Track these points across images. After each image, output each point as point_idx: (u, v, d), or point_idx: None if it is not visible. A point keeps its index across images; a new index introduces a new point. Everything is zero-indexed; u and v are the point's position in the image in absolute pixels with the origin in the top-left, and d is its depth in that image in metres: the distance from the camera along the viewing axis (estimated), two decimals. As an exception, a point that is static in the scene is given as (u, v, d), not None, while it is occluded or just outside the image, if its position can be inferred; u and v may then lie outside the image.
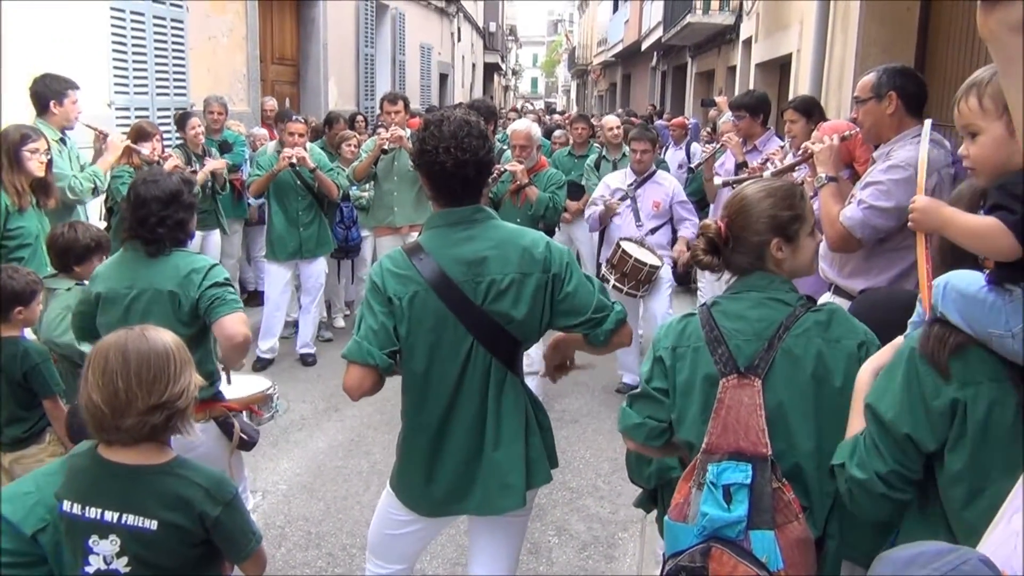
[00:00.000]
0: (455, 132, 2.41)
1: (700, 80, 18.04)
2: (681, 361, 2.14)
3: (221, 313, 2.95)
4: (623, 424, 2.25)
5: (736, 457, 2.00)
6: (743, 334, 2.10)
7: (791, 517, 1.98)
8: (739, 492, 1.97)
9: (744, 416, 2.02)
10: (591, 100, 44.37)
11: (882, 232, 3.21)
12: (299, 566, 3.95)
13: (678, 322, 2.22)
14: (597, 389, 6.45)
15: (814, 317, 2.10)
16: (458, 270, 2.41)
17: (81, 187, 4.92)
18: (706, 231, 2.22)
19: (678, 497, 2.08)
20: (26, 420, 3.42)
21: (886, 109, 3.29)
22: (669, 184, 6.20)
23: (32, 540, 2.38)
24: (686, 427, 2.12)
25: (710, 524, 1.95)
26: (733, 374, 2.05)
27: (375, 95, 13.97)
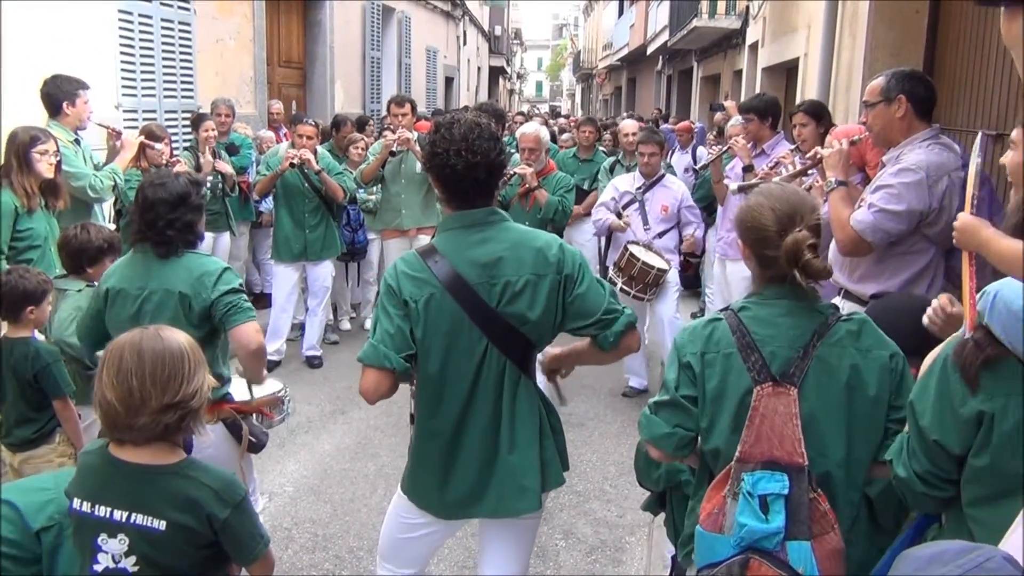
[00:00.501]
0: (465, 135, 2.41)
1: (706, 84, 18.03)
2: (711, 368, 2.10)
3: (237, 321, 2.99)
4: (650, 433, 2.19)
5: (770, 466, 1.98)
6: (776, 341, 2.07)
7: (827, 528, 1.97)
8: (776, 502, 1.95)
9: (779, 425, 2.00)
10: (596, 104, 44.38)
11: (893, 236, 3.20)
12: (306, 568, 3.94)
13: (703, 327, 2.16)
14: (603, 392, 6.44)
15: (846, 326, 2.08)
16: (473, 272, 2.40)
17: (102, 185, 4.93)
18: (806, 242, 2.02)
19: (710, 507, 2.05)
20: (36, 421, 3.43)
21: (895, 113, 3.29)
22: (677, 188, 6.19)
23: (35, 537, 2.38)
24: (716, 435, 2.09)
25: (748, 535, 1.94)
26: (768, 382, 2.03)
27: (381, 98, 13.98)
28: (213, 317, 2.99)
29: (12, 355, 3.37)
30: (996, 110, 4.44)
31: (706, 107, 16.45)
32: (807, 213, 2.08)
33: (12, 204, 4.32)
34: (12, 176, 4.35)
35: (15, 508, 2.42)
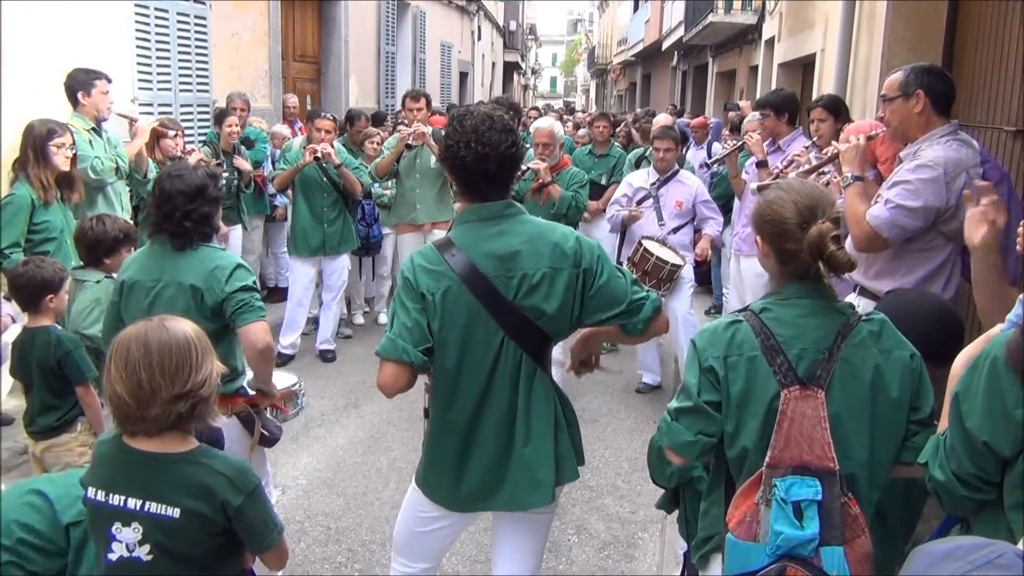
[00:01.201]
0: (476, 126, 2.41)
1: (721, 80, 17.95)
2: (734, 371, 2.06)
3: (247, 320, 3.00)
4: (672, 440, 2.14)
5: (801, 471, 1.96)
6: (801, 343, 2.04)
7: (859, 532, 1.96)
8: (809, 508, 1.93)
9: (808, 429, 1.98)
10: (610, 100, 44.26)
11: (909, 232, 3.17)
12: (319, 561, 3.95)
13: (724, 330, 2.12)
14: (616, 389, 6.43)
15: (867, 327, 2.06)
16: (490, 265, 2.40)
17: (102, 167, 4.95)
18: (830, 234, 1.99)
19: (739, 514, 2.02)
20: (58, 409, 3.47)
21: (914, 108, 3.26)
22: (692, 183, 6.17)
23: (64, 530, 2.41)
24: (743, 439, 2.05)
25: (785, 543, 1.92)
26: (795, 385, 2.00)
27: (396, 93, 14.00)
28: (225, 313, 2.99)
29: (34, 344, 3.41)
30: (1015, 107, 4.40)
31: (721, 103, 16.37)
32: (828, 206, 2.05)
33: (29, 197, 4.36)
34: (28, 169, 4.39)
35: (47, 499, 2.44)
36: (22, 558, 2.38)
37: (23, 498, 2.47)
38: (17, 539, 2.38)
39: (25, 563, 2.38)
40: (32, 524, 2.41)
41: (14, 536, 2.38)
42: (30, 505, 2.44)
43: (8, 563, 2.37)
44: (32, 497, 2.46)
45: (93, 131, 5.21)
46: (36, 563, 2.40)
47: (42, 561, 2.41)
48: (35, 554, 2.40)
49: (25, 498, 2.47)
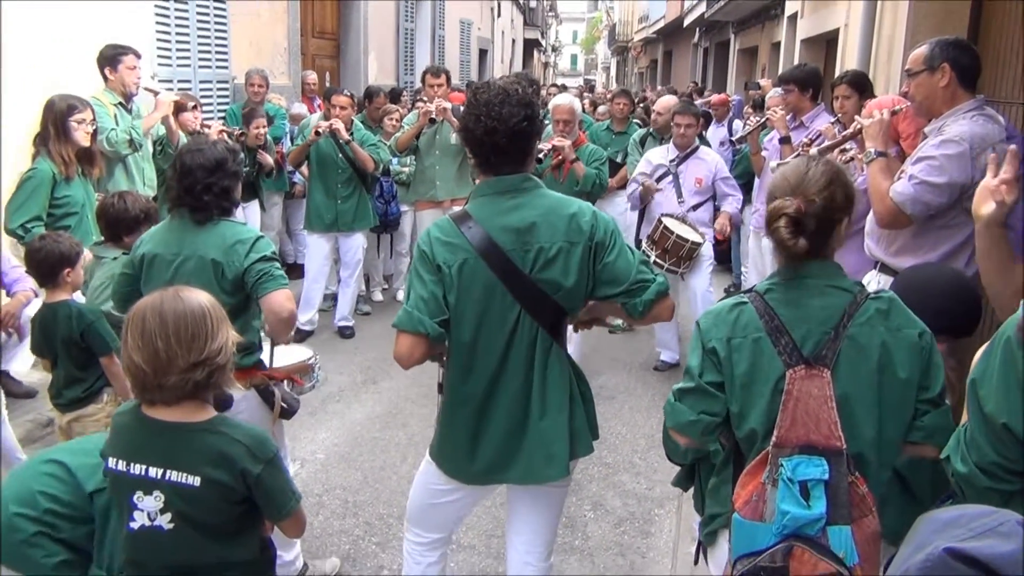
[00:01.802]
0: (489, 100, 2.40)
1: (743, 57, 17.76)
2: (739, 353, 2.06)
3: (269, 289, 2.99)
4: (674, 421, 2.17)
5: (807, 451, 1.95)
6: (806, 323, 2.03)
7: (866, 511, 1.95)
8: (816, 488, 1.92)
9: (814, 408, 1.97)
10: (631, 78, 43.92)
11: (933, 208, 3.13)
12: (336, 534, 3.99)
13: (728, 311, 2.12)
14: (634, 366, 6.42)
15: (875, 305, 2.04)
16: (506, 238, 2.39)
17: (117, 138, 4.98)
18: (784, 210, 2.01)
19: (746, 494, 2.02)
20: (84, 381, 3.51)
21: (939, 82, 3.20)
22: (712, 160, 6.12)
23: (88, 498, 2.44)
24: (751, 420, 2.05)
25: (792, 523, 1.91)
26: (800, 365, 1.99)
27: (415, 70, 13.96)
28: (246, 285, 3.01)
29: (56, 318, 3.44)
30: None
31: (743, 80, 16.22)
32: (809, 186, 2.03)
33: (50, 172, 4.38)
34: (50, 144, 4.41)
35: (67, 468, 2.48)
36: (51, 527, 2.42)
37: (42, 468, 2.51)
38: (44, 509, 2.42)
39: (54, 532, 2.43)
40: (56, 494, 2.45)
41: (40, 507, 2.42)
42: (51, 475, 2.47)
43: (37, 533, 2.41)
44: (52, 467, 2.49)
45: (121, 106, 5.24)
46: (64, 531, 2.44)
47: (70, 529, 2.45)
48: (63, 522, 2.44)
49: (45, 468, 2.50)
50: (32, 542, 2.41)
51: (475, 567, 3.75)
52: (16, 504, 2.43)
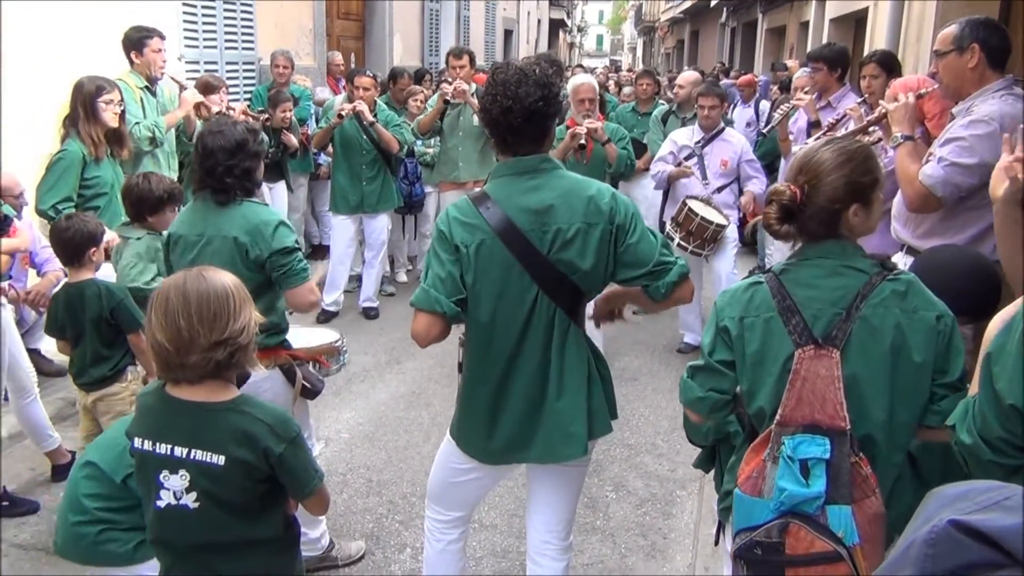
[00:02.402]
0: (506, 80, 2.41)
1: (771, 37, 17.56)
2: (751, 332, 2.07)
3: (292, 284, 3.08)
4: (685, 397, 2.21)
5: (811, 430, 1.96)
6: (818, 303, 2.03)
7: (868, 492, 1.95)
8: (817, 467, 1.93)
9: (820, 388, 1.97)
10: (658, 58, 43.60)
11: (964, 190, 3.09)
12: (360, 512, 4.04)
13: (743, 291, 2.13)
14: (658, 348, 6.42)
15: (891, 286, 2.02)
16: (525, 219, 2.40)
17: (139, 135, 5.02)
18: (778, 197, 2.08)
19: (748, 469, 2.03)
20: (110, 359, 3.58)
21: (968, 62, 3.16)
22: (737, 142, 6.06)
23: (123, 486, 2.53)
24: (760, 398, 2.07)
25: (788, 500, 1.92)
26: (810, 345, 1.99)
27: (440, 51, 13.93)
28: (268, 271, 3.04)
29: (84, 297, 3.50)
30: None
31: (770, 60, 16.04)
32: (812, 169, 2.06)
33: (80, 153, 4.43)
34: (79, 125, 4.46)
35: (97, 467, 2.61)
36: (110, 523, 2.56)
37: (81, 473, 2.66)
38: (94, 509, 2.56)
39: (114, 525, 2.56)
40: (97, 492, 2.58)
41: (89, 509, 2.57)
42: (88, 477, 2.64)
43: (101, 531, 2.56)
44: (86, 470, 2.66)
45: (146, 89, 5.28)
46: (123, 522, 2.59)
47: (127, 516, 2.58)
48: (116, 515, 2.59)
49: (82, 472, 2.66)
50: (101, 540, 2.58)
51: (496, 546, 3.78)
52: (72, 514, 2.60)
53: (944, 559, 0.90)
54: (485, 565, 3.65)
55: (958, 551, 0.89)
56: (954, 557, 0.89)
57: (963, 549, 0.89)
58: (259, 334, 3.07)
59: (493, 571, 3.62)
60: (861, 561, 1.91)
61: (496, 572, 3.61)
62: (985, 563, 0.87)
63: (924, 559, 0.91)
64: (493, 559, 3.69)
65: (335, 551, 3.56)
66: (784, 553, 1.93)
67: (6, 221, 3.92)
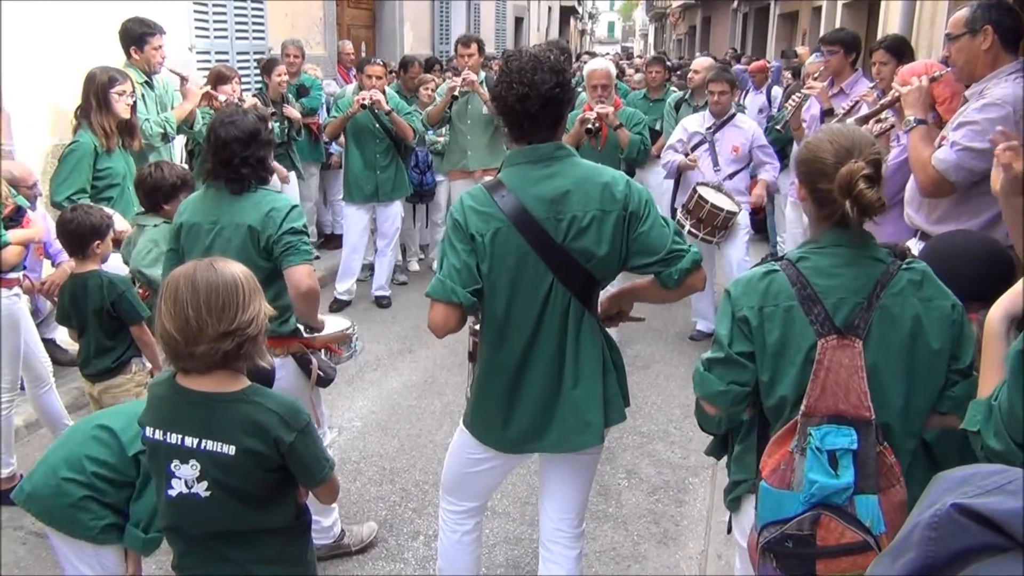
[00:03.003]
0: (521, 67, 2.39)
1: (783, 22, 17.45)
2: (770, 321, 2.05)
3: (293, 262, 3.00)
4: (704, 391, 2.16)
5: (836, 420, 1.96)
6: (839, 292, 2.01)
7: (894, 481, 1.96)
8: (844, 457, 1.93)
9: (844, 378, 1.96)
10: (669, 44, 43.38)
11: (977, 174, 3.06)
12: (373, 500, 4.06)
13: (759, 279, 2.10)
14: (670, 336, 6.41)
15: (908, 276, 2.02)
16: (539, 207, 2.39)
17: (151, 131, 5.04)
18: (861, 172, 1.92)
19: (773, 462, 2.02)
20: (113, 350, 3.60)
21: (981, 45, 3.13)
22: (749, 128, 6.03)
23: (132, 460, 2.52)
24: (781, 389, 2.05)
25: (820, 492, 1.92)
26: (832, 335, 1.98)
27: (450, 39, 13.90)
28: (273, 253, 3.03)
29: (87, 288, 3.52)
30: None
31: (782, 46, 15.94)
32: (866, 147, 2.00)
33: (92, 144, 4.45)
34: (91, 116, 4.47)
35: (113, 433, 2.56)
36: (97, 491, 2.51)
37: (90, 432, 2.59)
38: (91, 473, 2.51)
39: (100, 496, 2.51)
40: (102, 458, 2.53)
41: (87, 471, 2.51)
42: (97, 440, 2.56)
43: (84, 497, 2.50)
44: (98, 431, 2.57)
45: (145, 84, 5.29)
46: (110, 495, 2.53)
47: (114, 492, 2.53)
48: (108, 486, 2.52)
49: (92, 432, 2.58)
50: (80, 506, 2.49)
51: (509, 534, 3.79)
52: (65, 468, 2.52)
53: (947, 542, 0.90)
54: (498, 553, 3.66)
55: (960, 534, 0.90)
56: (956, 540, 0.90)
57: (965, 532, 0.89)
58: (272, 322, 3.07)
59: (506, 559, 3.63)
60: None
61: (509, 559, 3.63)
62: (987, 546, 0.88)
63: (927, 542, 0.92)
64: (506, 546, 3.71)
65: (347, 538, 3.58)
66: (815, 545, 1.93)
67: (20, 212, 3.94)
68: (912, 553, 0.94)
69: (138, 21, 5.22)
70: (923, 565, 0.92)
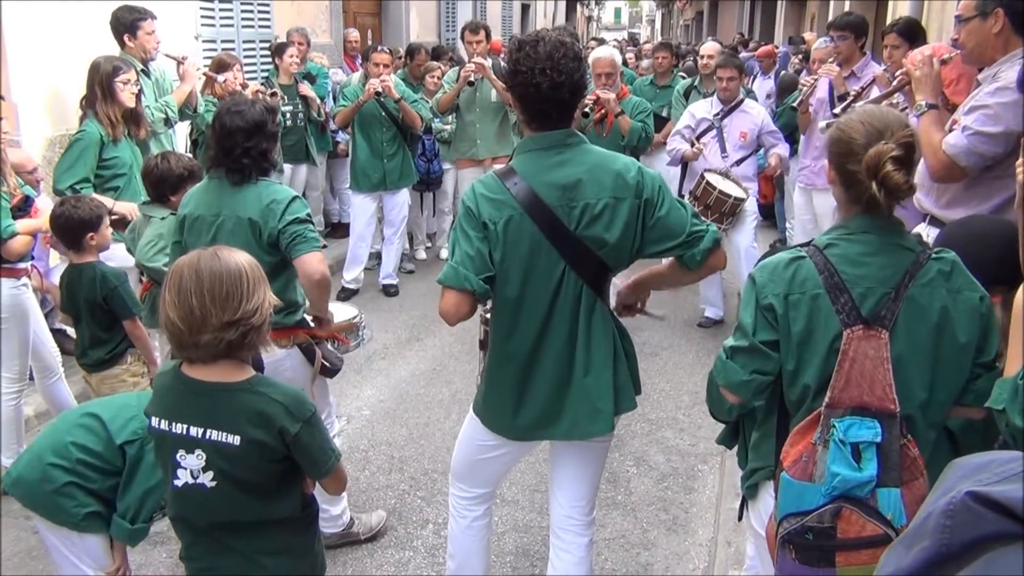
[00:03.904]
0: (551, 53, 2.33)
1: (791, 7, 17.31)
2: (796, 310, 2.01)
3: (302, 251, 2.99)
4: (726, 379, 2.13)
5: (860, 412, 1.93)
6: (867, 281, 1.98)
7: (917, 474, 1.94)
8: (868, 450, 1.91)
9: (869, 369, 1.94)
10: (676, 30, 43.13)
11: (989, 159, 3.03)
12: (382, 488, 4.06)
13: (784, 267, 2.06)
14: (679, 323, 6.39)
15: (937, 266, 1.99)
16: (552, 194, 2.37)
17: (152, 116, 5.03)
18: (890, 154, 1.90)
19: (795, 453, 2.00)
20: (108, 342, 3.63)
21: (992, 28, 3.08)
22: (757, 113, 6.00)
23: (119, 450, 2.52)
24: (805, 378, 2.03)
25: (842, 484, 1.90)
26: (858, 325, 1.95)
27: (457, 26, 13.85)
28: (280, 245, 3.02)
29: (81, 280, 3.53)
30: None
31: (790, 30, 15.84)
32: (898, 128, 1.96)
33: (98, 134, 4.44)
34: (97, 106, 4.46)
35: (101, 421, 2.56)
36: (82, 478, 2.52)
37: (78, 420, 2.61)
38: (76, 459, 2.52)
39: (84, 482, 2.52)
40: (88, 445, 2.54)
41: (72, 457, 2.52)
42: (84, 427, 2.57)
43: (68, 484, 2.50)
44: (86, 419, 2.59)
45: (141, 72, 5.27)
46: (95, 482, 2.53)
47: (100, 480, 2.54)
48: (93, 473, 2.53)
49: (80, 420, 2.60)
50: (64, 492, 2.50)
51: (519, 521, 3.79)
52: (51, 454, 2.53)
53: (961, 530, 0.89)
54: (507, 540, 3.66)
55: (976, 522, 0.88)
56: (972, 528, 0.88)
57: (981, 520, 0.88)
58: (277, 313, 3.05)
59: (515, 546, 3.63)
60: None
61: (518, 547, 3.63)
62: (1003, 534, 0.86)
63: (942, 530, 0.90)
64: (515, 534, 3.71)
65: (356, 527, 3.58)
66: (836, 538, 1.92)
67: (28, 202, 3.95)
68: (926, 541, 0.93)
69: (127, 8, 5.12)
70: (937, 553, 0.91)
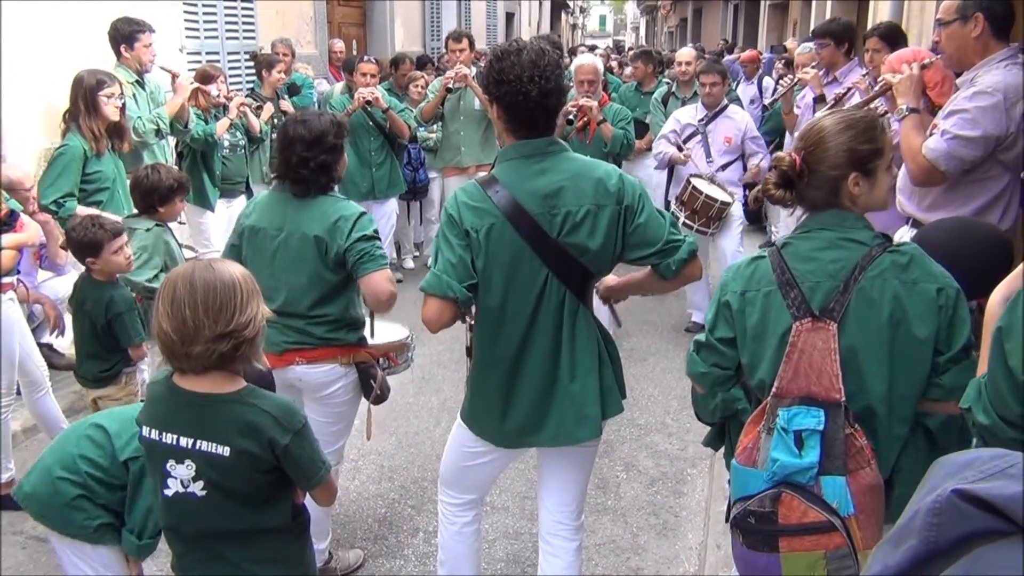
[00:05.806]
0: (535, 61, 2.34)
1: (774, 13, 17.42)
2: (751, 306, 2.11)
3: (369, 269, 2.96)
4: (690, 370, 2.31)
5: (807, 402, 1.98)
6: (816, 276, 2.04)
7: (863, 463, 1.97)
8: (811, 438, 1.96)
9: (817, 361, 1.98)
10: (661, 37, 43.32)
11: (968, 163, 3.06)
12: (372, 498, 4.06)
13: (746, 266, 2.17)
14: (666, 328, 6.41)
15: (891, 258, 2.02)
16: (534, 202, 2.38)
17: (144, 128, 5.03)
18: (779, 163, 2.12)
19: (746, 441, 2.07)
20: (106, 360, 3.60)
21: (971, 32, 3.12)
22: (741, 118, 6.04)
23: (123, 466, 2.51)
24: (760, 371, 2.10)
25: (780, 470, 1.95)
26: (807, 318, 2.01)
27: (441, 35, 13.87)
28: (346, 263, 2.98)
29: (92, 296, 3.50)
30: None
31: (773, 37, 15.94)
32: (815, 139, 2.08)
33: (81, 148, 4.43)
34: (80, 120, 4.45)
35: (107, 434, 2.55)
36: (90, 491, 2.50)
37: (85, 432, 2.59)
38: (84, 472, 2.50)
39: (93, 496, 2.51)
40: (95, 459, 2.53)
41: (80, 471, 2.50)
42: (91, 439, 2.55)
43: (78, 497, 2.49)
44: (93, 431, 2.57)
45: (136, 83, 5.27)
46: (102, 496, 2.52)
47: (107, 493, 2.53)
48: (100, 487, 2.52)
49: (87, 432, 2.58)
50: (74, 505, 2.49)
51: (508, 528, 3.80)
52: (60, 468, 2.52)
53: (948, 528, 0.90)
54: (498, 547, 3.66)
55: (962, 520, 0.89)
56: (958, 526, 0.90)
57: (967, 518, 0.89)
58: (339, 330, 3.04)
59: (506, 553, 3.63)
60: (856, 531, 1.93)
61: (509, 554, 3.63)
62: (989, 531, 0.88)
63: (928, 528, 0.92)
64: (505, 541, 3.71)
65: (333, 562, 3.48)
66: (777, 523, 1.97)
67: (12, 216, 3.93)
68: (913, 539, 0.94)
69: (127, 20, 5.21)
70: (924, 551, 0.92)
